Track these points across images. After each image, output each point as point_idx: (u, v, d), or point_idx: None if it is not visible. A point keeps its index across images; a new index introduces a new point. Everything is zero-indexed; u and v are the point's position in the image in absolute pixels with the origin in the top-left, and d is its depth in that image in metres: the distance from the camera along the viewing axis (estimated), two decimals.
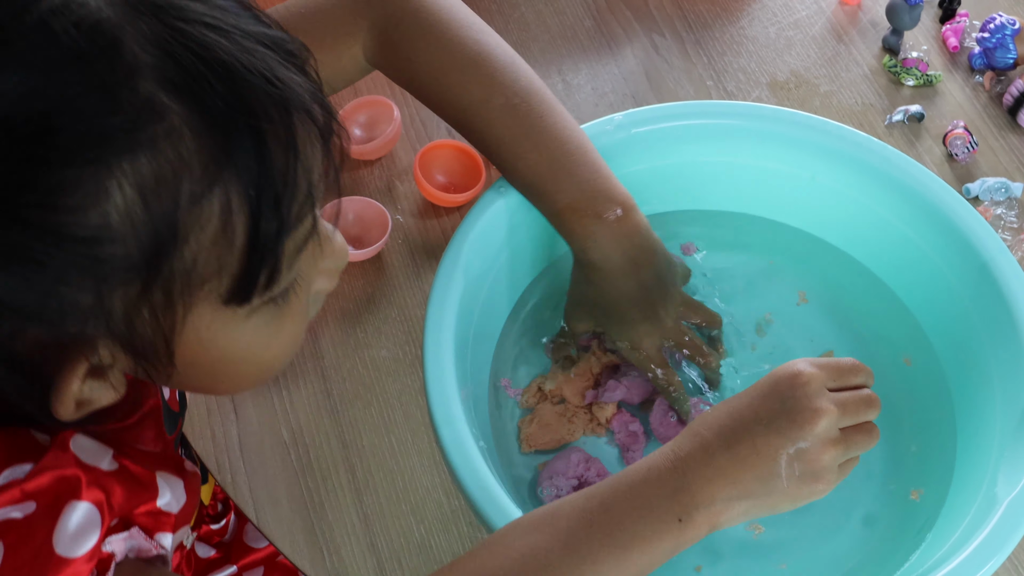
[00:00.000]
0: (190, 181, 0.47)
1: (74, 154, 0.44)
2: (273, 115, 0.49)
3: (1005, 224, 0.94)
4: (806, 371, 0.63)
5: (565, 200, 0.77)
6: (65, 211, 0.45)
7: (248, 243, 0.49)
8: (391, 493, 0.82)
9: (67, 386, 0.50)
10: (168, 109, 0.46)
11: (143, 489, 0.54)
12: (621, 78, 1.06)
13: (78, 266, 0.46)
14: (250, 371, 0.57)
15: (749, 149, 0.87)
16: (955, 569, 0.65)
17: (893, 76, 1.05)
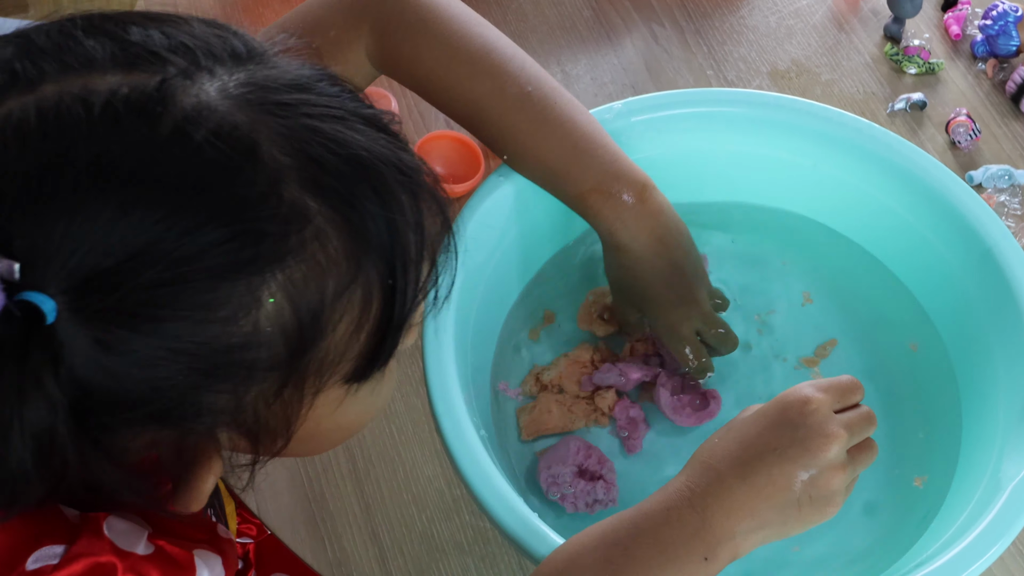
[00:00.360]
0: (335, 277, 0.47)
1: (226, 270, 0.44)
2: (405, 203, 0.49)
3: (1009, 211, 0.93)
4: (815, 397, 0.62)
5: (589, 183, 0.77)
6: (217, 323, 0.45)
7: (379, 327, 0.50)
8: (392, 483, 0.82)
9: (202, 486, 0.50)
10: (312, 211, 0.46)
11: (181, 571, 0.52)
12: (620, 68, 1.05)
13: (222, 373, 0.46)
14: (346, 435, 0.58)
15: (750, 137, 0.86)
16: (959, 554, 0.65)
17: (895, 64, 1.05)
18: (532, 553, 0.65)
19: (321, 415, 0.52)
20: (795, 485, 0.60)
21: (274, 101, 0.47)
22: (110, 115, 0.44)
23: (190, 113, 0.44)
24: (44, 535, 0.49)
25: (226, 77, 0.47)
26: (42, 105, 0.44)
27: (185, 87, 0.45)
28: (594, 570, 0.58)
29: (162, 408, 0.45)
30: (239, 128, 0.45)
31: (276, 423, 0.50)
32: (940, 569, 0.65)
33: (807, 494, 0.61)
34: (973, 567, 0.65)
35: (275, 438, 0.51)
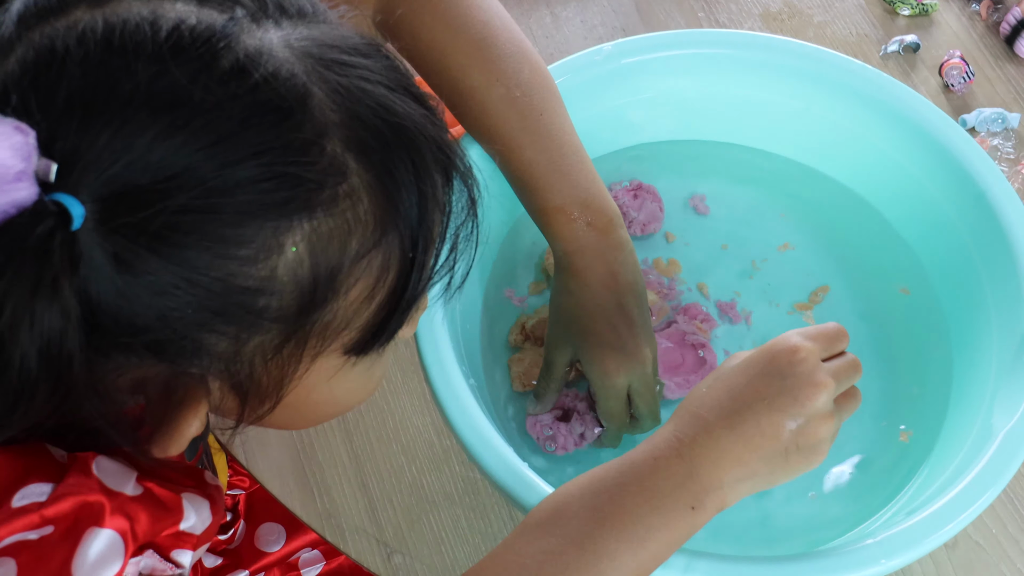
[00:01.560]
0: (359, 239, 0.47)
1: (258, 208, 0.44)
2: (437, 180, 0.50)
3: (1002, 155, 0.92)
4: (803, 345, 0.61)
5: (557, 201, 0.75)
6: (237, 261, 0.44)
7: (390, 299, 0.50)
8: (381, 433, 0.82)
9: (187, 428, 0.49)
10: (351, 169, 0.46)
11: (168, 513, 0.52)
12: (610, 10, 1.04)
13: (230, 315, 0.46)
14: (335, 411, 0.58)
15: (742, 79, 0.85)
16: (951, 501, 0.65)
17: (888, 6, 1.03)
18: (522, 503, 0.65)
19: (313, 383, 0.52)
20: (784, 434, 0.60)
21: (332, 59, 0.47)
22: (174, 41, 0.44)
23: (251, 53, 0.45)
24: (31, 473, 0.49)
25: (290, 29, 0.47)
26: (110, 20, 0.44)
27: (251, 30, 0.46)
28: (581, 518, 0.57)
29: (163, 340, 0.45)
30: (295, 77, 0.45)
31: (268, 383, 0.50)
32: (933, 515, 0.65)
33: (795, 443, 0.60)
34: (966, 512, 0.64)
35: (263, 399, 0.50)
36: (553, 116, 0.76)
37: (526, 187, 0.76)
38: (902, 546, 0.63)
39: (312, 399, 0.53)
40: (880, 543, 0.63)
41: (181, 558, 0.53)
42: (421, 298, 0.53)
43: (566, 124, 0.76)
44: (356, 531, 0.78)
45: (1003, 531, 0.77)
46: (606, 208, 0.75)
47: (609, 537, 0.57)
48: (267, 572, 0.88)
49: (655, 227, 0.87)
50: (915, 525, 0.64)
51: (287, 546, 0.89)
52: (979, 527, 0.77)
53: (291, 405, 0.52)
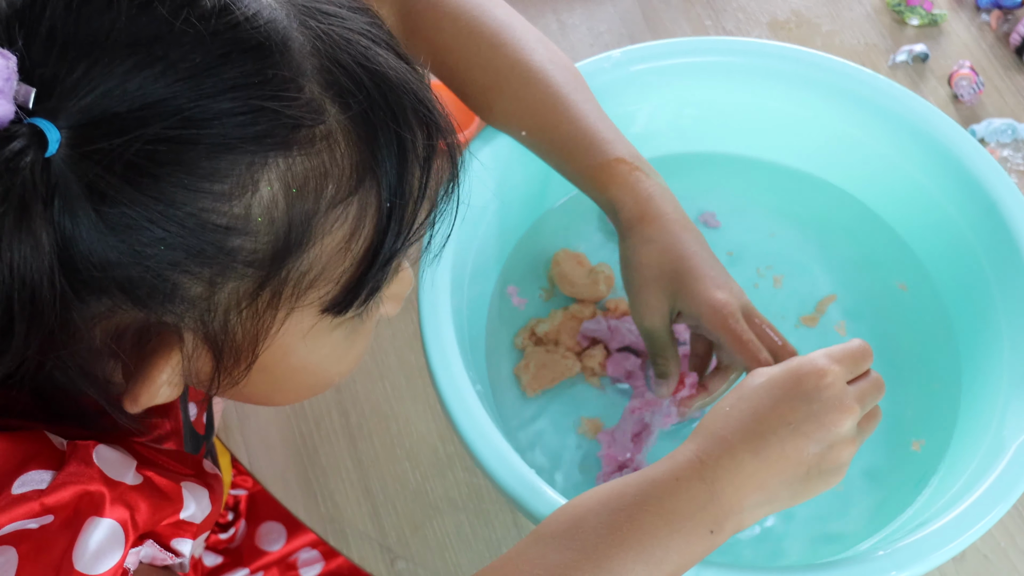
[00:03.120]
0: (335, 184, 0.47)
1: (234, 142, 0.44)
2: (418, 133, 0.50)
3: (1011, 166, 0.92)
4: (830, 369, 0.61)
5: (617, 152, 0.74)
6: (211, 197, 0.44)
7: (367, 255, 0.50)
8: (385, 438, 0.81)
9: (157, 375, 0.48)
10: (328, 113, 0.47)
11: (168, 503, 0.52)
12: (617, 17, 1.03)
13: (205, 255, 0.45)
14: (315, 384, 0.57)
15: (750, 87, 0.84)
16: (961, 514, 0.64)
17: (897, 15, 1.03)
18: (528, 510, 0.64)
19: (290, 345, 0.51)
20: (806, 459, 0.59)
21: (316, 8, 0.48)
22: None
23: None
24: (30, 460, 0.48)
25: None
26: None
27: None
28: (599, 533, 0.56)
29: (136, 279, 0.45)
30: (277, 20, 0.46)
31: (243, 338, 0.49)
32: (943, 528, 0.64)
33: (817, 466, 0.60)
34: (976, 526, 0.64)
35: (238, 357, 0.50)
36: (585, 87, 0.76)
37: (579, 144, 0.74)
38: (912, 558, 0.63)
39: (289, 364, 0.52)
40: (890, 555, 0.63)
41: (181, 547, 0.53)
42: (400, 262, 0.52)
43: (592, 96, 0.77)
44: (359, 536, 0.77)
45: (1012, 544, 0.76)
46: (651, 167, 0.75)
47: (627, 556, 0.56)
48: (266, 571, 0.88)
49: None
50: (925, 538, 0.64)
51: (288, 545, 0.88)
52: (987, 540, 0.76)
53: (267, 370, 0.51)
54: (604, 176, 0.74)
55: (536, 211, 0.87)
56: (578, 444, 0.78)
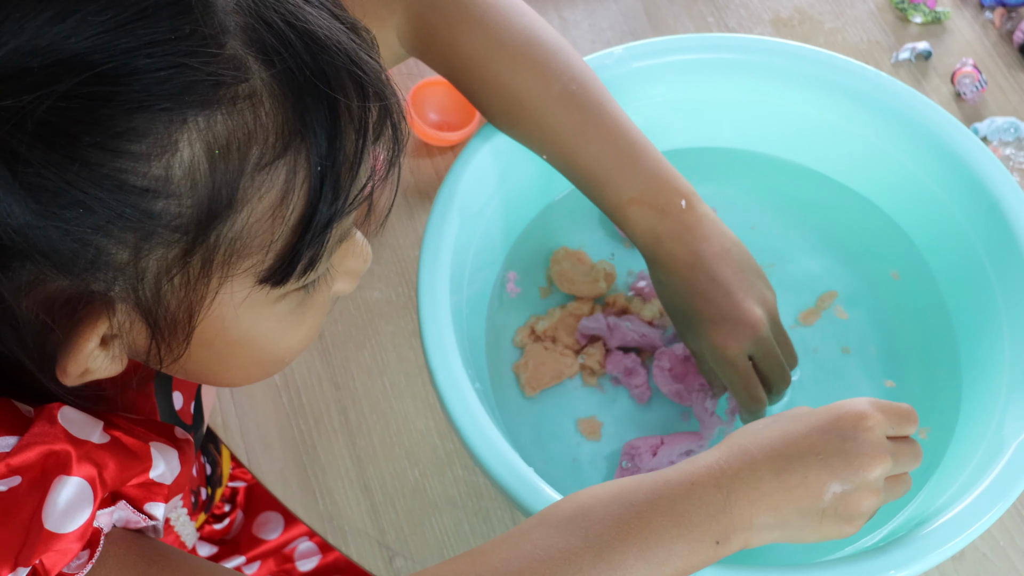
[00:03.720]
0: (261, 146, 0.46)
1: (151, 99, 0.43)
2: (351, 94, 0.48)
3: (1014, 164, 0.92)
4: (872, 415, 0.60)
5: (630, 193, 0.73)
6: (128, 157, 0.43)
7: (301, 222, 0.48)
8: (385, 436, 0.81)
9: (83, 344, 0.47)
10: (252, 71, 0.45)
11: (136, 460, 0.51)
12: (619, 14, 1.03)
13: (126, 218, 0.44)
14: (262, 360, 0.55)
15: (753, 84, 0.84)
16: (961, 513, 0.64)
17: (900, 13, 1.02)
18: (526, 508, 0.64)
19: (229, 317, 0.50)
20: (826, 495, 0.58)
21: None
22: None
23: None
24: None
25: None
26: None
27: None
28: (604, 524, 0.56)
29: (58, 245, 0.44)
30: None
31: (178, 307, 0.48)
32: (943, 527, 0.64)
33: (834, 508, 0.59)
34: (976, 525, 0.64)
35: (175, 329, 0.49)
36: (611, 104, 0.75)
37: (595, 183, 0.74)
38: (910, 557, 0.63)
39: (230, 337, 0.51)
40: (888, 553, 0.63)
41: (154, 511, 0.53)
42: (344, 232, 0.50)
43: (621, 111, 0.75)
44: (358, 534, 0.77)
45: (1011, 543, 0.76)
46: (679, 189, 0.73)
47: (628, 552, 0.55)
48: (263, 561, 0.88)
49: None
50: (924, 536, 0.63)
51: (285, 534, 0.88)
52: (987, 539, 0.76)
53: (209, 344, 0.51)
54: (619, 217, 0.74)
55: (536, 208, 0.86)
56: (577, 442, 0.78)
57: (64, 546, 0.48)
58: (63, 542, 0.48)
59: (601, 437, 0.78)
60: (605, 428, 0.78)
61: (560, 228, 0.86)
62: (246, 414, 0.82)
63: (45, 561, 0.47)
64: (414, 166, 0.93)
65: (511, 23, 0.74)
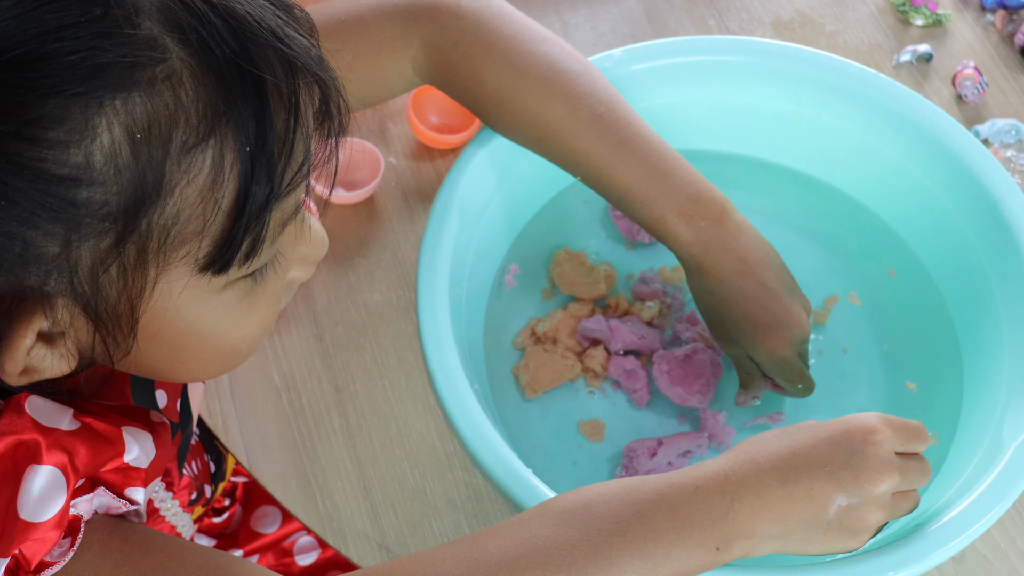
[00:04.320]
0: (184, 129, 0.45)
1: (63, 84, 0.42)
2: (278, 72, 0.47)
3: (1015, 167, 0.92)
4: (881, 429, 0.60)
5: (668, 206, 0.73)
6: (45, 145, 0.43)
7: (235, 206, 0.47)
8: (385, 438, 0.81)
9: (19, 341, 0.47)
10: (170, 51, 0.44)
11: (108, 445, 0.51)
12: (620, 17, 1.03)
13: (50, 208, 0.43)
14: (215, 351, 0.54)
15: (753, 87, 0.84)
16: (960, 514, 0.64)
17: (901, 15, 1.02)
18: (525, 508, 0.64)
19: (173, 307, 0.49)
20: (831, 508, 0.58)
21: None
22: None
23: None
24: None
25: None
26: None
27: None
28: (604, 520, 0.56)
29: None
30: None
31: (119, 299, 0.47)
32: (942, 528, 0.64)
33: (839, 521, 0.59)
34: (975, 526, 0.63)
35: (119, 322, 0.48)
36: (639, 122, 0.75)
37: (632, 201, 0.74)
38: (910, 559, 0.62)
39: (178, 329, 0.50)
40: (888, 554, 0.63)
41: (134, 495, 0.53)
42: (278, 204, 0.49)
43: (648, 127, 0.75)
44: (358, 535, 0.77)
45: (1011, 545, 0.76)
46: (715, 198, 0.74)
47: (625, 550, 0.55)
48: (261, 554, 0.88)
49: None
50: (923, 538, 0.63)
51: (283, 528, 0.88)
52: (987, 541, 0.76)
53: (157, 337, 0.50)
54: (661, 231, 0.74)
55: (536, 209, 0.86)
56: (578, 444, 0.78)
57: (41, 535, 0.48)
58: (40, 531, 0.48)
59: (603, 437, 0.78)
60: (606, 430, 0.78)
61: (561, 229, 0.86)
62: (246, 416, 0.82)
63: (24, 551, 0.47)
64: (414, 169, 0.93)
65: (534, 52, 0.74)
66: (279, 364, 0.84)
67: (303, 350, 0.85)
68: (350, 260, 0.89)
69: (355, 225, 0.90)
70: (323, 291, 0.87)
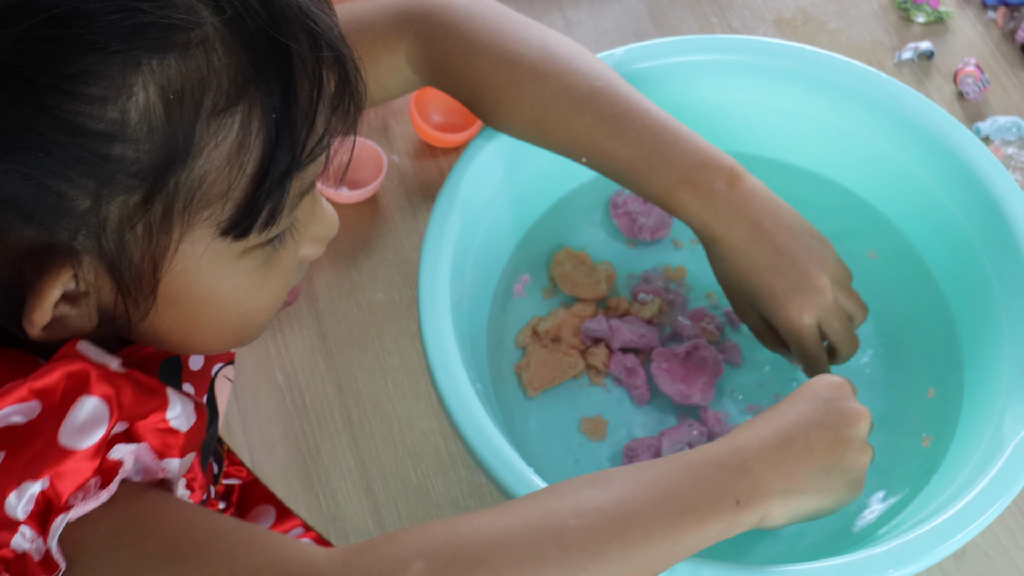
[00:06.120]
0: (215, 93, 0.47)
1: (104, 42, 0.44)
2: (304, 45, 0.49)
3: (1016, 164, 0.92)
4: (842, 382, 0.65)
5: (675, 176, 0.72)
6: (84, 100, 0.44)
7: (259, 171, 0.49)
8: (387, 437, 0.81)
9: (48, 291, 0.48)
10: (204, 18, 0.46)
11: (153, 396, 0.52)
12: (623, 14, 1.03)
13: (84, 162, 0.45)
14: (229, 320, 0.55)
15: (755, 85, 0.84)
16: (961, 510, 0.64)
17: (903, 13, 1.02)
18: None
19: (193, 270, 0.51)
20: (833, 455, 0.61)
21: None
22: None
23: None
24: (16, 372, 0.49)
25: None
26: None
27: None
28: (624, 478, 0.57)
29: (19, 191, 0.45)
30: None
31: (142, 259, 0.49)
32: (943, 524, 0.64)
33: (840, 468, 0.62)
34: (976, 523, 0.64)
35: (141, 283, 0.50)
36: (638, 95, 0.74)
37: (637, 174, 0.73)
38: (910, 555, 0.63)
39: (196, 293, 0.52)
40: (889, 551, 0.63)
41: (169, 466, 0.53)
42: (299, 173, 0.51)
43: (648, 100, 0.75)
44: (361, 534, 0.78)
45: (1012, 541, 0.76)
46: (723, 162, 0.73)
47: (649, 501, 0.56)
48: None
49: (663, 233, 0.86)
50: (924, 534, 0.63)
51: (277, 525, 0.89)
52: (988, 537, 0.76)
53: (175, 301, 0.51)
54: (670, 203, 0.73)
55: (539, 208, 0.87)
56: (580, 443, 0.78)
57: (75, 465, 0.48)
58: (74, 460, 0.48)
59: (605, 434, 0.78)
60: (608, 428, 0.78)
61: (563, 228, 0.87)
62: (249, 415, 0.82)
63: (57, 485, 0.48)
64: (417, 167, 0.93)
65: (526, 37, 0.75)
66: (282, 363, 0.84)
67: (306, 349, 0.85)
68: (353, 259, 0.89)
69: (358, 224, 0.90)
70: (326, 290, 0.87)
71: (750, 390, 0.80)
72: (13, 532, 0.47)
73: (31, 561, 0.48)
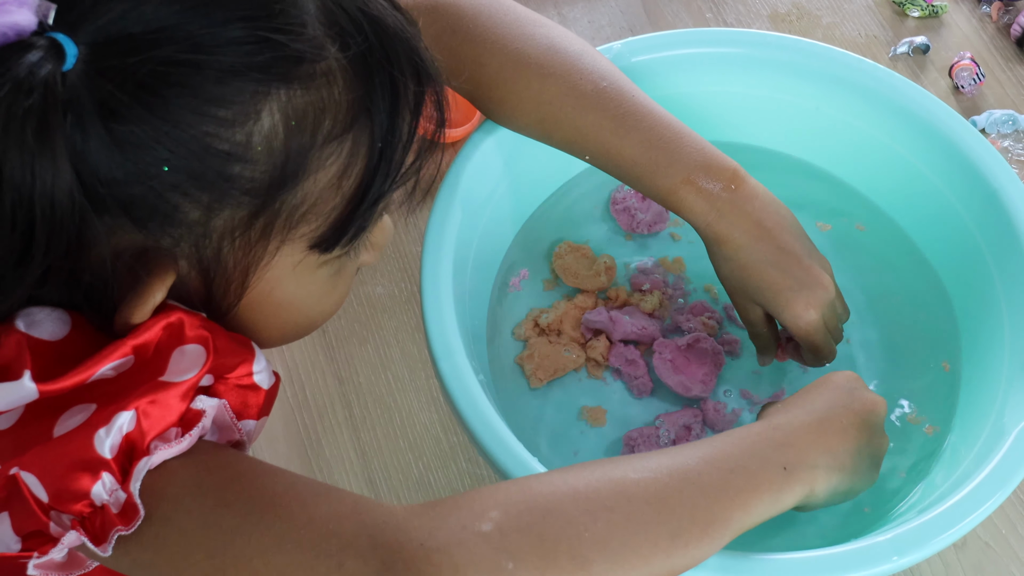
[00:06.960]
0: (331, 121, 0.50)
1: (241, 70, 0.47)
2: (410, 79, 0.52)
3: (1012, 156, 0.92)
4: (854, 373, 0.68)
5: (678, 176, 0.73)
6: (215, 122, 0.47)
7: (356, 193, 0.52)
8: (389, 430, 0.81)
9: (151, 296, 0.49)
10: (328, 51, 0.49)
11: (240, 346, 0.53)
12: (618, 10, 1.04)
13: (204, 178, 0.47)
14: (298, 322, 0.58)
15: (752, 78, 0.85)
16: (962, 499, 0.65)
17: (898, 7, 1.03)
18: None
19: (278, 279, 0.53)
20: (862, 436, 0.64)
21: None
22: None
23: None
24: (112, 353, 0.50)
25: None
26: None
27: None
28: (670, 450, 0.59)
29: (139, 198, 0.47)
30: None
31: (234, 267, 0.51)
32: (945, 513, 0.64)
33: (868, 445, 0.64)
34: (977, 512, 0.64)
35: (228, 287, 0.52)
36: (642, 95, 0.75)
37: (642, 173, 0.74)
38: (913, 543, 0.63)
39: (275, 298, 0.54)
40: (891, 540, 0.63)
41: (246, 427, 0.54)
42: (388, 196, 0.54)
43: (652, 100, 0.75)
44: None
45: (1012, 531, 0.77)
46: (726, 164, 0.73)
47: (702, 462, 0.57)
48: None
49: (660, 227, 0.87)
50: (927, 523, 0.64)
51: None
52: (988, 527, 0.77)
53: (254, 303, 0.53)
54: (673, 201, 0.74)
55: (539, 201, 0.87)
56: (581, 432, 0.78)
57: (166, 401, 0.49)
58: (166, 395, 0.49)
59: (605, 423, 0.78)
60: (608, 417, 0.79)
61: (563, 221, 0.87)
62: None
63: (143, 423, 0.48)
64: None
65: (532, 34, 0.75)
66: (283, 357, 0.84)
67: (306, 343, 0.85)
68: None
69: None
70: None
71: (750, 382, 0.80)
72: (96, 477, 0.47)
73: (109, 514, 0.48)
